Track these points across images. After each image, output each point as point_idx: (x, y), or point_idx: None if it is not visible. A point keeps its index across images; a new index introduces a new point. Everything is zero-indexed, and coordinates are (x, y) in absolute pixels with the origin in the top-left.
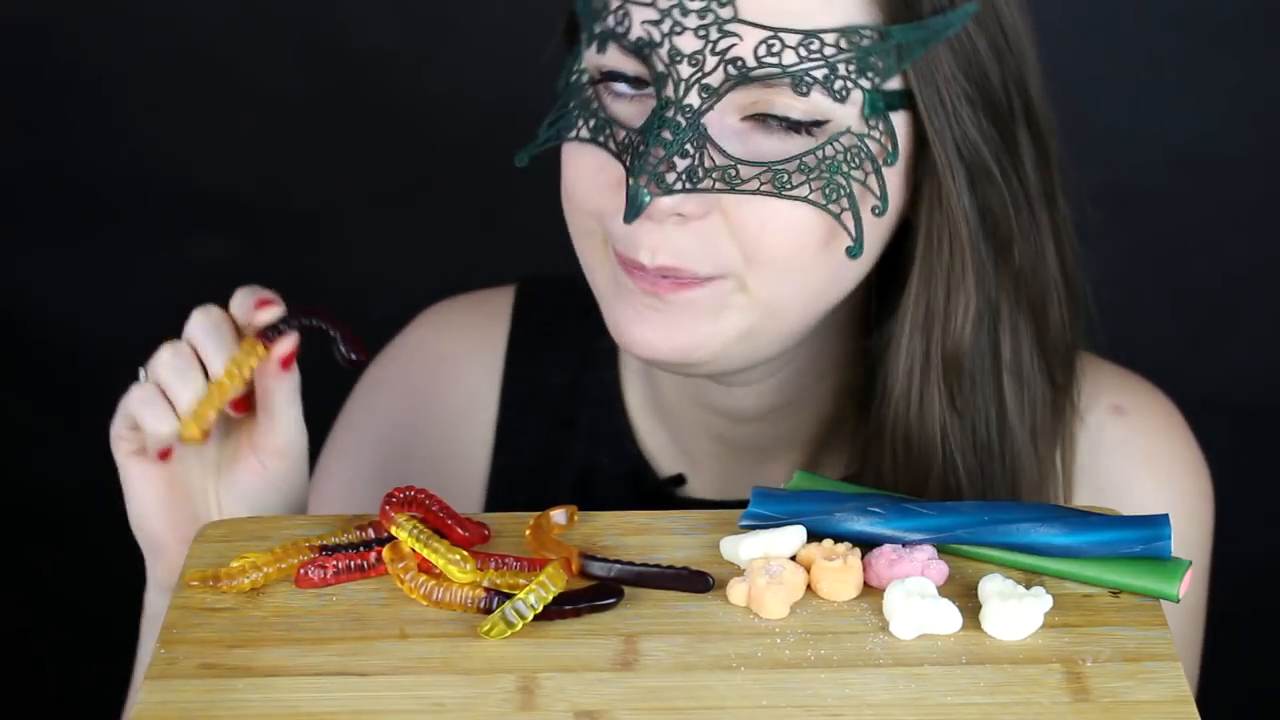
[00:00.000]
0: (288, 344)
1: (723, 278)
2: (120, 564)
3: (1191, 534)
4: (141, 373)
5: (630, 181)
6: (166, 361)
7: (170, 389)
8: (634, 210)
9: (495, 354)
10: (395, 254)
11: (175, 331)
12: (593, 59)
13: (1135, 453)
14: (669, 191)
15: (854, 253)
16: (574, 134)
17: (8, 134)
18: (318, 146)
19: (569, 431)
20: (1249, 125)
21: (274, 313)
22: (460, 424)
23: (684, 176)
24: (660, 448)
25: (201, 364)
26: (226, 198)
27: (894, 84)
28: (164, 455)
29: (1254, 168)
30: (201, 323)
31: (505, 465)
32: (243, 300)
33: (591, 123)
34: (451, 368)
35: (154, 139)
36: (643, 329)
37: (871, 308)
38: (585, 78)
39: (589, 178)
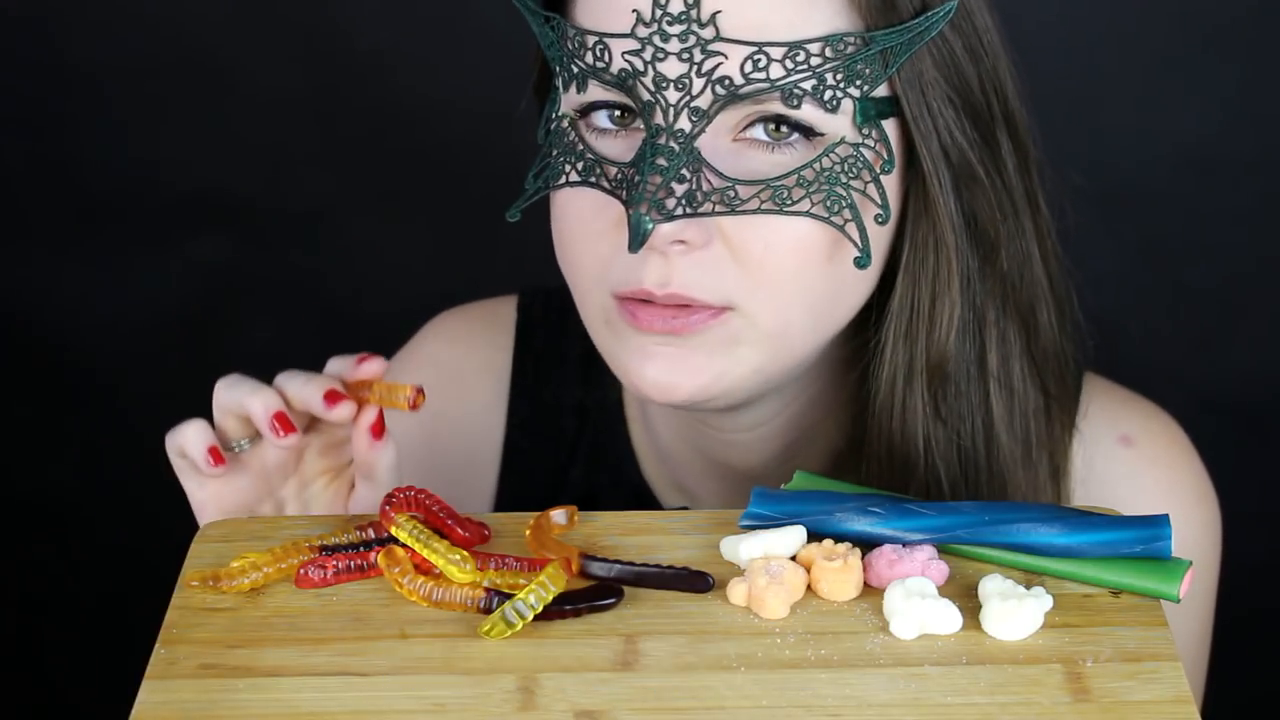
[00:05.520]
0: (371, 415)
1: (730, 309)
2: (120, 564)
3: (1197, 572)
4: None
5: (631, 212)
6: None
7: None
8: (638, 239)
9: (502, 371)
10: (394, 255)
11: (175, 330)
12: (573, 99)
13: (1145, 484)
14: (670, 217)
15: (862, 263)
16: (563, 180)
17: (8, 133)
18: (318, 147)
19: (572, 454)
20: (1249, 126)
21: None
22: (468, 444)
23: (683, 201)
24: (662, 479)
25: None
26: (226, 198)
27: (881, 91)
28: (216, 459)
29: (1254, 168)
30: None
31: (511, 487)
32: None
33: (580, 165)
34: (460, 385)
35: (154, 139)
36: (656, 368)
37: (871, 317)
38: (566, 122)
39: (586, 223)
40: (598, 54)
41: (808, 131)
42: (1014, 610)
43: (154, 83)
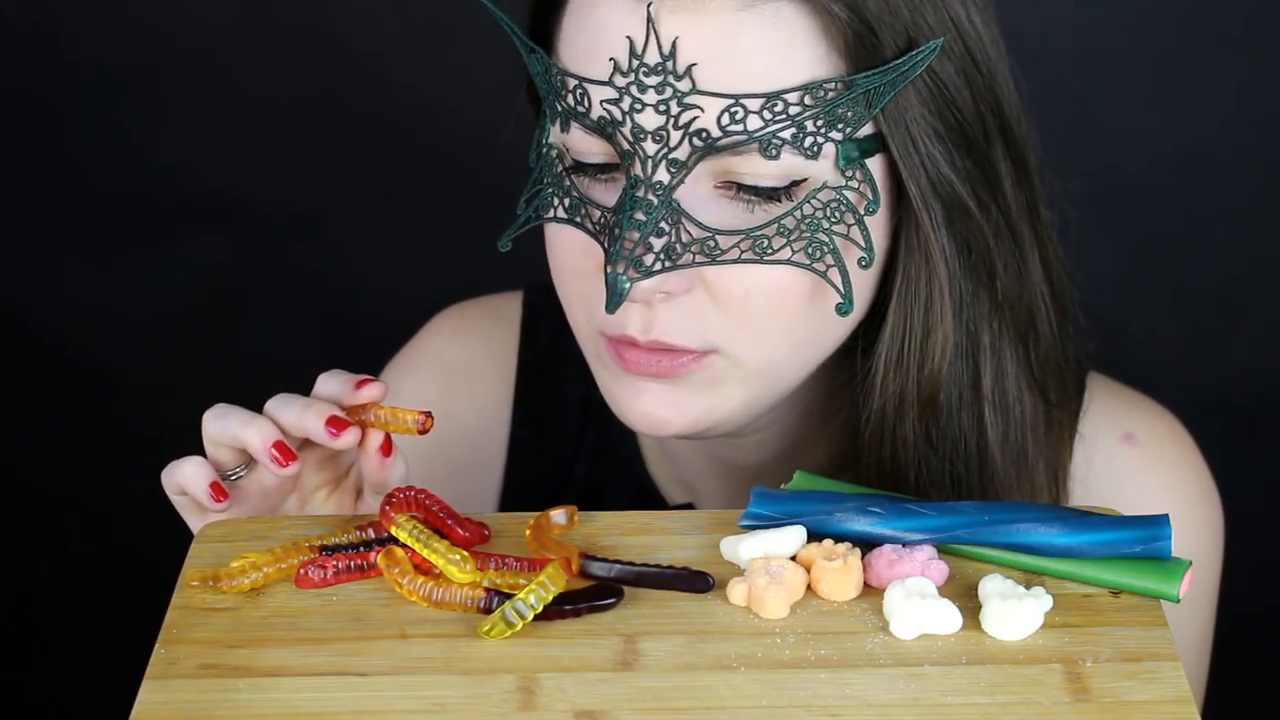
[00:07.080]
0: (378, 438)
1: (713, 352)
2: (119, 563)
3: (1199, 572)
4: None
5: (609, 270)
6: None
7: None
8: (615, 300)
9: (507, 367)
10: (395, 254)
11: (174, 329)
12: (557, 136)
13: (1148, 484)
14: (649, 274)
15: (844, 310)
16: (551, 213)
17: (8, 133)
18: (318, 146)
19: (577, 450)
20: (1250, 126)
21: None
22: (474, 439)
23: (662, 256)
24: (667, 476)
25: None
26: (227, 198)
27: (866, 130)
28: (219, 494)
29: (1255, 168)
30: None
31: (516, 483)
32: None
33: (566, 201)
34: (465, 381)
35: (154, 139)
36: (647, 402)
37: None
38: (554, 153)
39: (574, 263)
40: (578, 97)
41: (786, 189)
42: (1014, 610)
43: (154, 83)
